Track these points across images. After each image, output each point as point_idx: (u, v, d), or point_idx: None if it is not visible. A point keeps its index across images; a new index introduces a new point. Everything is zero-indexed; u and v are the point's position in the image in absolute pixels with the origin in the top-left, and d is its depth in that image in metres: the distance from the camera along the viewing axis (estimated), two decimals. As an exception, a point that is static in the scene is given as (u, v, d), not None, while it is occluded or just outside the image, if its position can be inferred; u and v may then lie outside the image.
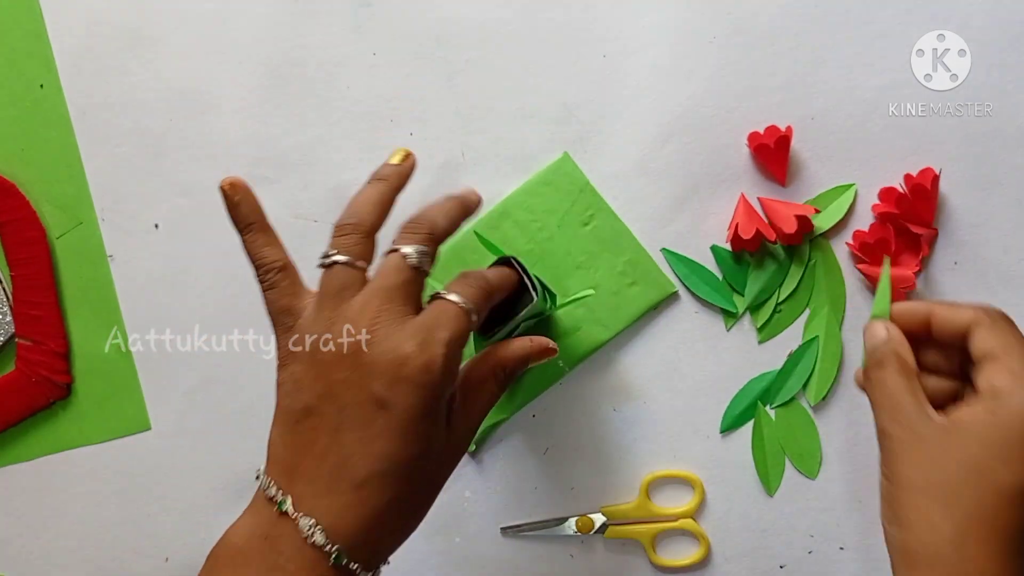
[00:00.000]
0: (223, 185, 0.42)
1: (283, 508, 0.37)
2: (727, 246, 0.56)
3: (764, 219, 0.56)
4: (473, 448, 0.57)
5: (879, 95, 0.56)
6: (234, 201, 0.42)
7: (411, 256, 0.40)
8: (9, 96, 0.58)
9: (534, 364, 0.44)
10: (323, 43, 0.57)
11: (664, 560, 0.57)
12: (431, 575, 0.57)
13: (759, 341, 0.57)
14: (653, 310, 0.57)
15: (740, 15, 0.56)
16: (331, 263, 0.41)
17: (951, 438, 0.39)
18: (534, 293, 0.47)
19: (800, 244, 0.56)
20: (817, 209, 0.56)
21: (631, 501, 0.57)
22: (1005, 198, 0.56)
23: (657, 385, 0.57)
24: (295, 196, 0.57)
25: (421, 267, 0.41)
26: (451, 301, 0.40)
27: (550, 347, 0.45)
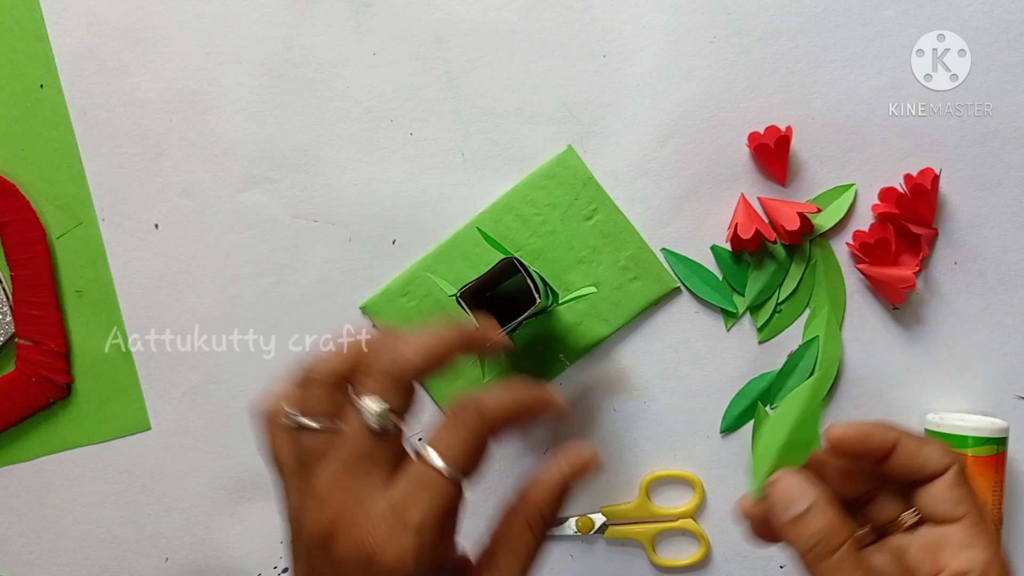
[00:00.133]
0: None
1: None
2: (727, 246, 0.56)
3: (764, 219, 0.56)
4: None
5: (879, 95, 0.56)
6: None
7: (371, 417, 0.34)
8: (9, 96, 0.58)
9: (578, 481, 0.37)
10: (323, 43, 0.57)
11: (664, 560, 0.57)
12: None
13: (759, 341, 0.57)
14: (654, 306, 0.57)
15: (740, 15, 0.56)
16: (295, 425, 0.35)
17: None
18: (536, 294, 0.47)
19: (800, 244, 0.56)
20: (818, 208, 0.56)
21: (631, 501, 0.57)
22: (1005, 198, 0.56)
23: (657, 385, 0.57)
24: (295, 196, 0.57)
25: (386, 429, 0.34)
26: (431, 465, 0.33)
27: (590, 461, 0.37)
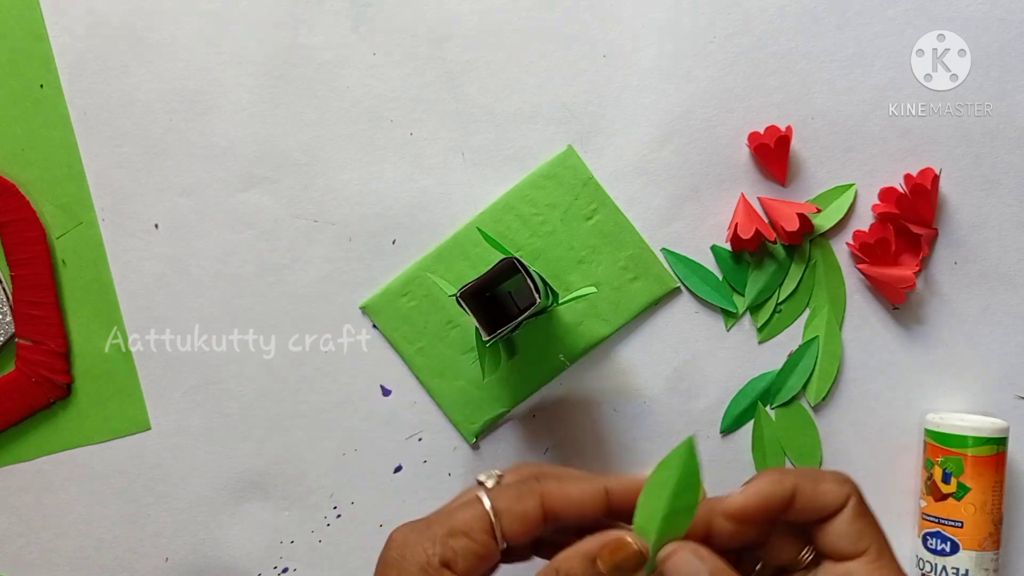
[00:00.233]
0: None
1: None
2: (727, 246, 0.56)
3: (764, 219, 0.56)
4: (473, 440, 0.57)
5: (879, 95, 0.56)
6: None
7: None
8: (9, 96, 0.58)
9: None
10: (323, 43, 0.57)
11: (664, 560, 0.57)
12: None
13: (759, 341, 0.57)
14: (654, 306, 0.57)
15: (740, 15, 0.56)
16: None
17: None
18: (536, 294, 0.47)
19: (800, 244, 0.56)
20: (818, 208, 0.56)
21: (631, 501, 0.57)
22: (1005, 198, 0.56)
23: (657, 385, 0.57)
24: (295, 196, 0.57)
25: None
26: None
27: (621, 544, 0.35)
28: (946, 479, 0.53)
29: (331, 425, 0.58)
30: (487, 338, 0.47)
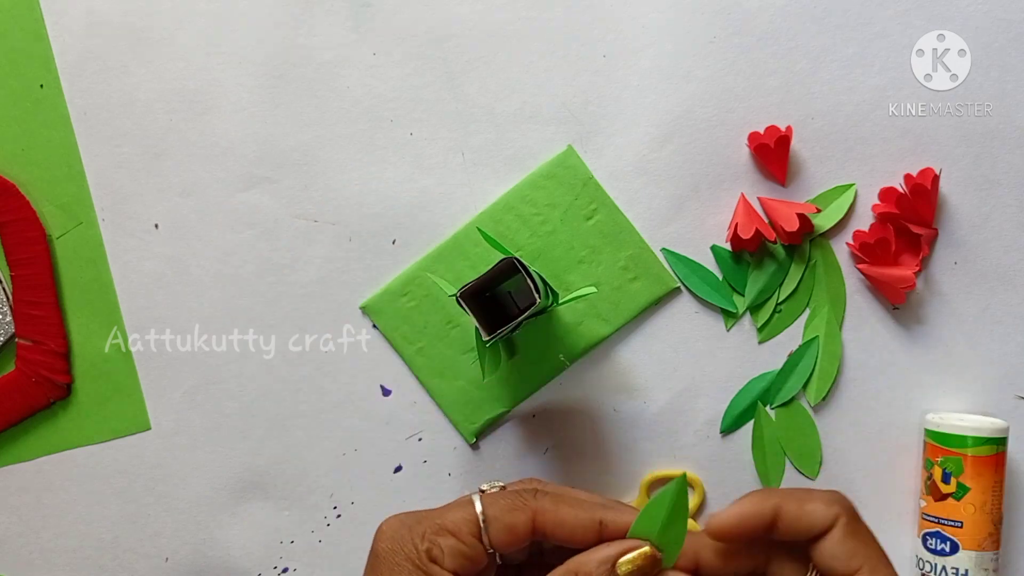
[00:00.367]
0: None
1: None
2: (727, 246, 0.56)
3: (764, 219, 0.56)
4: (473, 440, 0.57)
5: (879, 95, 0.56)
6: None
7: None
8: (9, 96, 0.58)
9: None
10: (323, 43, 0.57)
11: (664, 560, 0.57)
12: None
13: (759, 341, 0.57)
14: (654, 306, 0.57)
15: (740, 15, 0.56)
16: None
17: None
18: (536, 294, 0.47)
19: (800, 244, 0.56)
20: (818, 208, 0.56)
21: (631, 501, 0.57)
22: (1005, 198, 0.56)
23: (657, 385, 0.57)
24: (295, 196, 0.57)
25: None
26: None
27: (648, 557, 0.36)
28: (946, 479, 0.53)
29: (331, 425, 0.58)
30: (487, 338, 0.47)
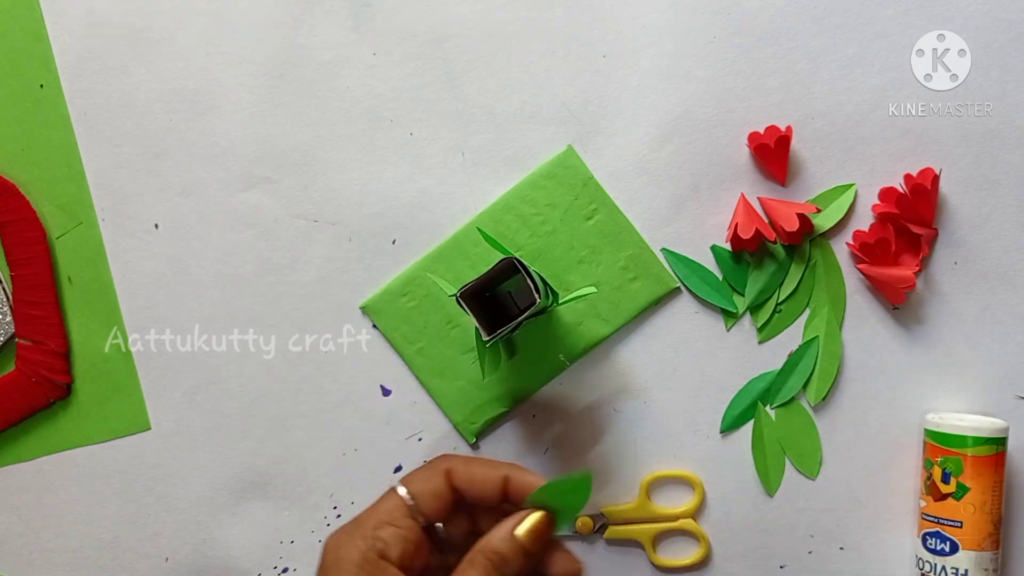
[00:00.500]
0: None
1: None
2: (727, 246, 0.56)
3: (764, 219, 0.56)
4: (473, 440, 0.57)
5: (879, 95, 0.56)
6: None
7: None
8: (9, 96, 0.58)
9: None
10: (323, 43, 0.57)
11: (664, 560, 0.57)
12: None
13: (759, 341, 0.57)
14: (654, 306, 0.57)
15: (740, 15, 0.56)
16: None
17: None
18: (536, 294, 0.47)
19: (800, 244, 0.56)
20: (818, 208, 0.56)
21: (631, 501, 0.57)
22: (1005, 198, 0.56)
23: (657, 385, 0.57)
24: (295, 196, 0.57)
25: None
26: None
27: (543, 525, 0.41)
28: (945, 479, 0.53)
29: (331, 425, 0.58)
30: (487, 338, 0.47)
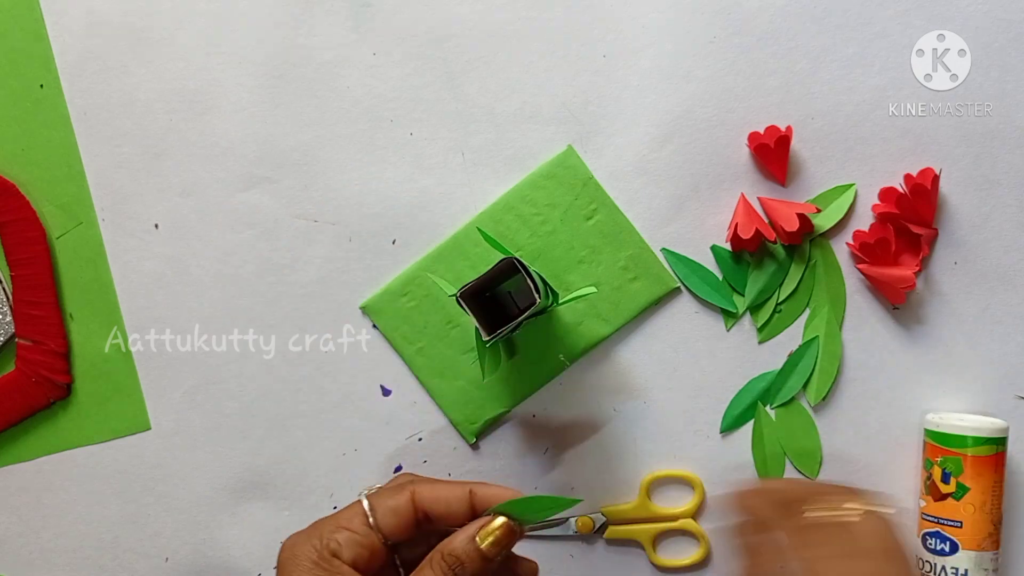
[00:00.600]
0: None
1: None
2: (727, 246, 0.56)
3: (764, 219, 0.56)
4: (473, 440, 0.57)
5: (879, 95, 0.56)
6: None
7: None
8: (9, 96, 0.58)
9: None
10: (323, 43, 0.57)
11: (664, 560, 0.57)
12: None
13: (759, 341, 0.57)
14: (654, 306, 0.57)
15: (740, 15, 0.56)
16: None
17: None
18: (536, 294, 0.47)
19: (800, 244, 0.56)
20: (818, 208, 0.56)
21: (631, 501, 0.57)
22: (1005, 198, 0.56)
23: (657, 385, 0.57)
24: (295, 196, 0.57)
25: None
26: None
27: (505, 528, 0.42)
28: (945, 479, 0.53)
29: (331, 425, 0.58)
30: (487, 338, 0.47)
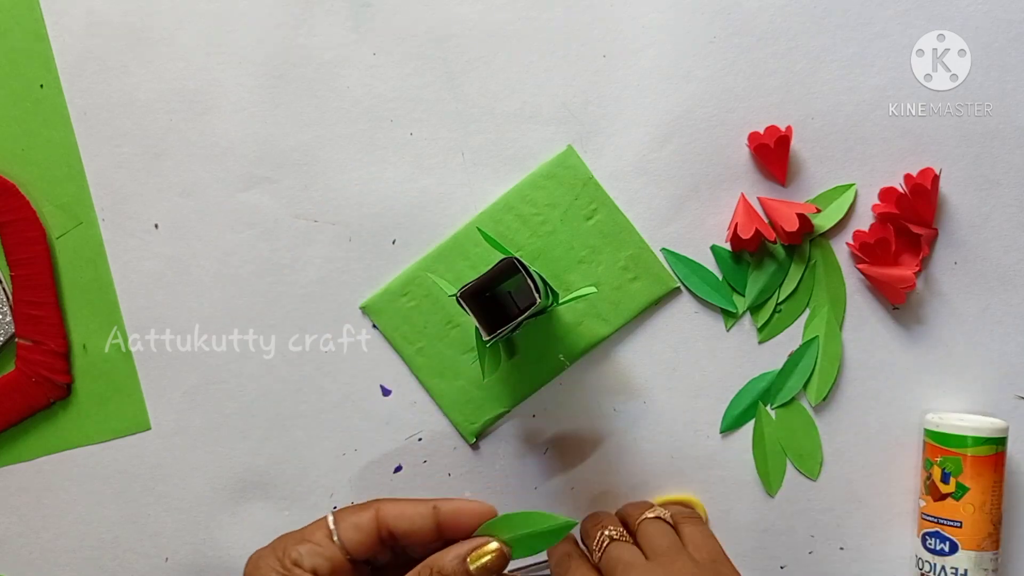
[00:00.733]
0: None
1: None
2: (727, 246, 0.56)
3: (764, 219, 0.56)
4: (473, 440, 0.57)
5: (879, 95, 0.56)
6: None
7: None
8: (9, 96, 0.58)
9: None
10: (323, 43, 0.57)
11: (664, 560, 0.57)
12: None
13: (759, 341, 0.57)
14: (654, 306, 0.57)
15: (740, 15, 0.56)
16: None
17: None
18: (536, 294, 0.47)
19: (800, 244, 0.56)
20: (818, 208, 0.56)
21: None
22: (1005, 198, 0.56)
23: (657, 385, 0.57)
24: (295, 196, 0.57)
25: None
26: None
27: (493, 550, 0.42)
28: (945, 479, 0.53)
29: (331, 425, 0.58)
30: (487, 338, 0.47)
